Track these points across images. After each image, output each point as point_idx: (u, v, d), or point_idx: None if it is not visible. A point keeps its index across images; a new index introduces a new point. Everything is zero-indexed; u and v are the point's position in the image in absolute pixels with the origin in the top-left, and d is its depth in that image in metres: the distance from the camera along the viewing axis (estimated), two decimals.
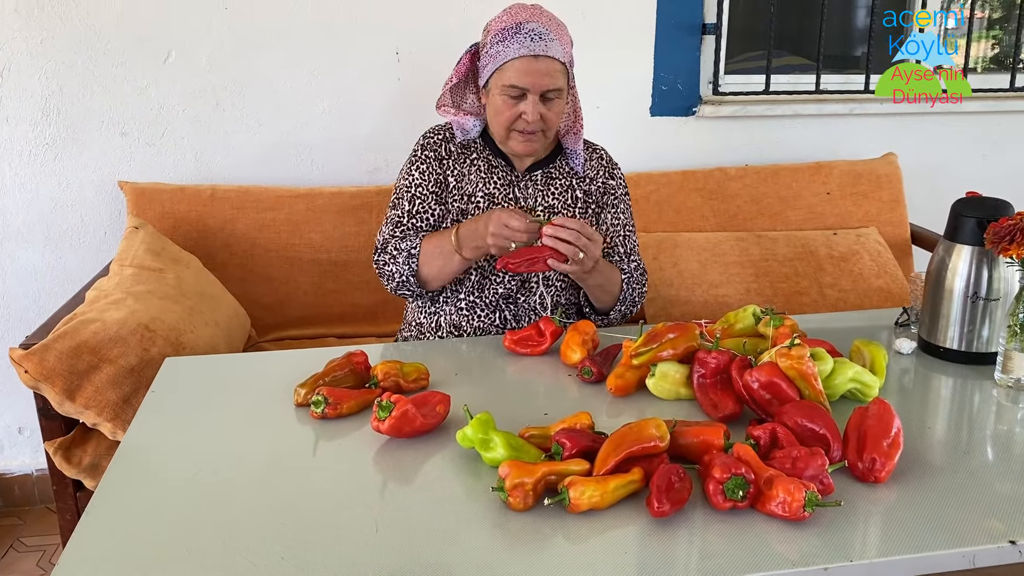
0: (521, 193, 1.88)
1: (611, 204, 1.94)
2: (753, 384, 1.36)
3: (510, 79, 1.74)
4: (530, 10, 1.77)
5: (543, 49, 1.72)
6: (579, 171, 1.91)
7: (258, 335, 2.53)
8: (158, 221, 2.46)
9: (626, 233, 1.95)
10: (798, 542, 1.07)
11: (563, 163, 1.93)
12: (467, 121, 1.88)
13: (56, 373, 1.84)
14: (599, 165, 1.96)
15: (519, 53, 1.72)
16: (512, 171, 1.89)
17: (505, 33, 1.73)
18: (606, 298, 1.87)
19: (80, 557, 1.06)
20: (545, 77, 1.73)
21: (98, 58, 2.51)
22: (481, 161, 1.89)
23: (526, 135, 1.79)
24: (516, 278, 1.85)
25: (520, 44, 1.71)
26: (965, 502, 1.16)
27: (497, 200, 1.87)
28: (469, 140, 1.91)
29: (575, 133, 1.90)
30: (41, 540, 2.60)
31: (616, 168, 1.99)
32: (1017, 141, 3.14)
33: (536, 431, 1.29)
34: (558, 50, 1.75)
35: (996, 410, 1.49)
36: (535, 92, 1.74)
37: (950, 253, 1.62)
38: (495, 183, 1.88)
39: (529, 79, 1.73)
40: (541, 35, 1.73)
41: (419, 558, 1.05)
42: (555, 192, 1.90)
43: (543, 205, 1.89)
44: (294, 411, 1.45)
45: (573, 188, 1.91)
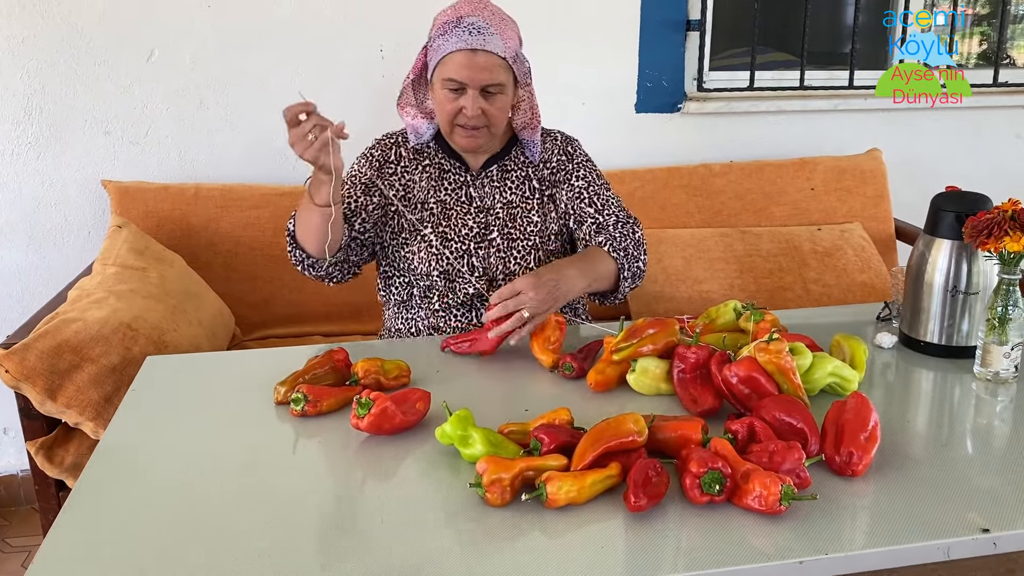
0: (477, 192, 1.86)
1: (563, 180, 1.90)
2: (732, 379, 1.36)
3: (448, 72, 1.72)
4: (474, 4, 1.74)
5: (481, 43, 1.69)
6: (535, 159, 1.89)
7: (243, 334, 2.52)
8: (142, 220, 2.46)
9: (591, 193, 1.89)
10: (774, 536, 1.07)
11: (519, 153, 1.90)
12: (421, 124, 1.87)
13: (37, 372, 1.83)
14: (553, 146, 1.92)
15: (456, 47, 1.70)
16: (467, 171, 1.88)
17: (446, 27, 1.72)
18: (604, 284, 1.82)
19: (56, 556, 1.06)
20: (483, 72, 1.71)
21: (81, 56, 2.50)
22: (432, 167, 1.87)
23: (468, 130, 1.77)
24: (483, 277, 1.82)
25: (458, 38, 1.69)
26: (942, 495, 1.16)
27: (449, 205, 1.85)
28: (422, 145, 1.89)
29: (532, 128, 1.88)
30: (26, 540, 2.59)
31: (572, 143, 1.95)
32: (1000, 136, 3.15)
33: (515, 427, 1.29)
34: (498, 45, 1.71)
35: (975, 403, 1.49)
36: (474, 86, 1.72)
37: (930, 247, 1.62)
38: (446, 188, 1.86)
39: (467, 73, 1.71)
40: (480, 29, 1.70)
41: (398, 554, 1.05)
42: (511, 186, 1.88)
43: (502, 202, 1.86)
44: (274, 409, 1.44)
45: (529, 179, 1.89)
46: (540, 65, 2.76)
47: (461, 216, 1.85)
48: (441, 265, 1.81)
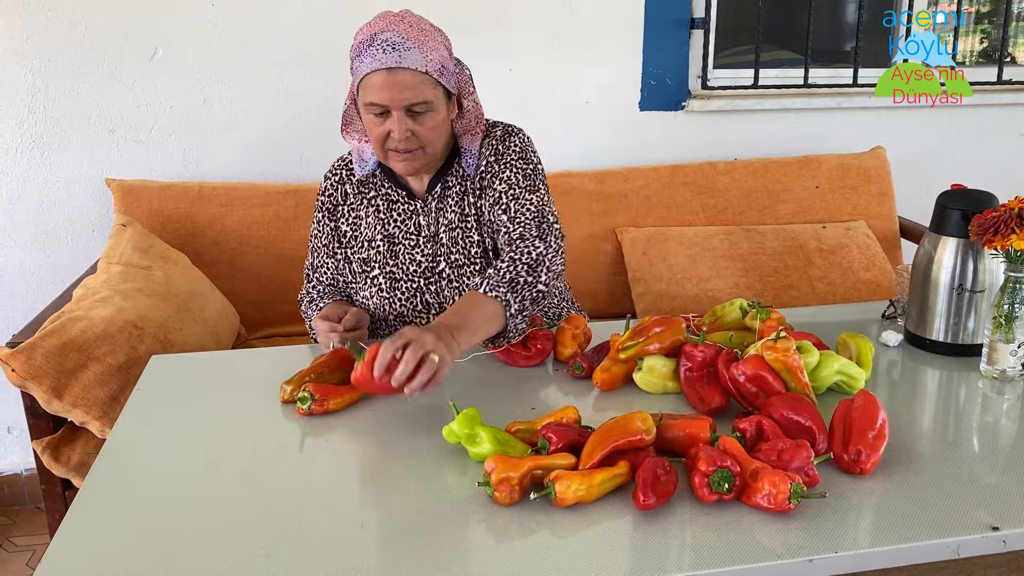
0: (425, 220, 1.74)
1: (488, 185, 1.72)
2: (739, 377, 1.36)
3: (369, 96, 1.58)
4: (390, 18, 1.59)
5: (397, 60, 1.55)
6: (471, 172, 1.73)
7: (247, 332, 2.52)
8: (146, 219, 2.46)
9: (509, 198, 1.68)
10: (784, 534, 1.07)
11: (459, 167, 1.75)
12: (366, 149, 1.75)
13: (43, 372, 1.83)
14: (488, 148, 1.74)
15: (372, 67, 1.56)
16: (413, 199, 1.76)
17: (361, 47, 1.58)
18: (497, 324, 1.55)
19: (64, 555, 1.06)
20: (404, 91, 1.56)
21: (84, 55, 2.50)
22: (380, 199, 1.77)
23: (402, 154, 1.63)
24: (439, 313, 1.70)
25: (373, 57, 1.55)
26: (950, 493, 1.16)
27: (397, 240, 1.74)
28: (368, 175, 1.78)
29: (472, 134, 1.73)
30: (31, 540, 2.59)
31: (507, 140, 1.74)
32: (1004, 134, 3.15)
33: (522, 425, 1.29)
34: (417, 60, 1.56)
35: (981, 401, 1.49)
36: (396, 107, 1.58)
37: (935, 245, 1.62)
38: (394, 220, 1.75)
39: (386, 94, 1.57)
40: (395, 45, 1.55)
41: (405, 554, 1.05)
42: (451, 205, 1.73)
43: (444, 225, 1.73)
44: (280, 408, 1.44)
45: (467, 194, 1.74)
46: (544, 64, 2.77)
47: (409, 250, 1.74)
48: (395, 308, 1.75)
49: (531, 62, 2.76)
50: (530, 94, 2.79)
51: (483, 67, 2.72)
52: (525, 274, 1.59)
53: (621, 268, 2.69)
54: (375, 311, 1.76)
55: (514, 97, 2.76)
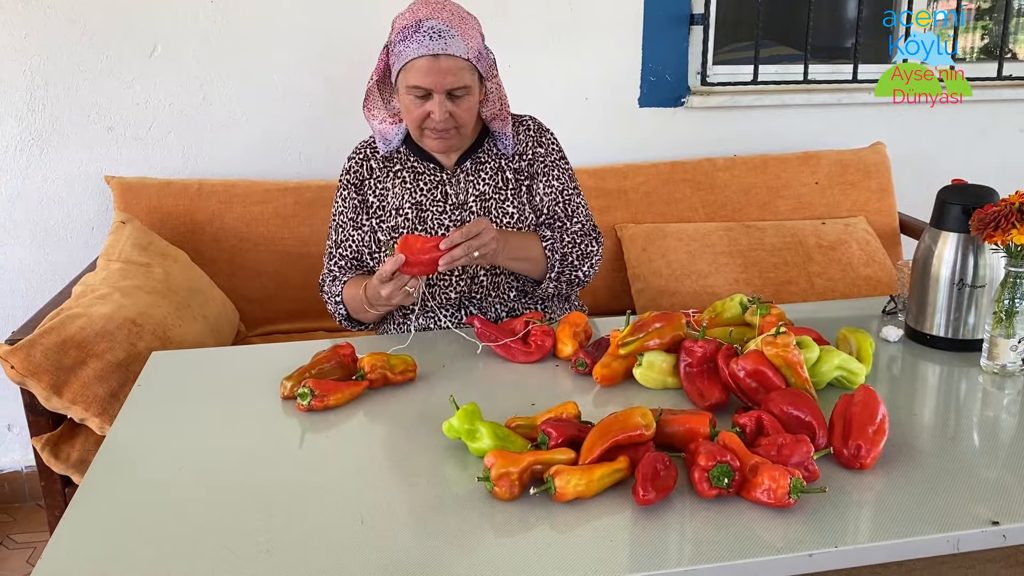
0: (452, 189, 1.84)
1: (542, 172, 1.88)
2: (739, 372, 1.36)
3: (413, 79, 1.69)
4: (432, 5, 1.70)
5: (443, 48, 1.66)
6: (508, 151, 1.86)
7: (247, 330, 2.52)
8: (145, 216, 2.45)
9: (564, 198, 1.89)
10: (783, 529, 1.07)
11: (491, 145, 1.88)
12: (389, 130, 1.86)
13: (42, 369, 1.83)
14: (527, 137, 1.90)
15: (419, 53, 1.66)
16: (441, 170, 1.86)
17: (406, 31, 1.68)
18: (531, 269, 1.83)
19: (65, 551, 1.06)
20: (448, 76, 1.68)
21: (83, 52, 2.49)
22: (406, 171, 1.86)
23: (438, 133, 1.75)
24: (464, 276, 1.82)
25: (419, 43, 1.66)
26: (950, 488, 1.16)
27: (425, 207, 1.83)
28: (392, 151, 1.88)
29: (502, 119, 1.85)
30: (31, 537, 2.59)
31: (545, 134, 1.93)
32: (1004, 129, 3.15)
33: (522, 421, 1.29)
34: (460, 47, 1.68)
35: (982, 396, 1.49)
36: (439, 91, 1.69)
37: (936, 240, 1.62)
38: (421, 189, 1.84)
39: (431, 79, 1.68)
40: (441, 33, 1.66)
41: (405, 549, 1.05)
42: (485, 178, 1.85)
43: (474, 195, 1.84)
44: (281, 404, 1.44)
45: (502, 170, 1.86)
46: (543, 59, 2.77)
47: (437, 216, 1.83)
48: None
49: (530, 58, 2.76)
50: (529, 90, 2.78)
51: None
52: (576, 257, 1.85)
53: (620, 264, 2.68)
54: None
55: (513, 92, 2.72)
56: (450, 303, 1.84)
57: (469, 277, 1.82)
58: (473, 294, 1.84)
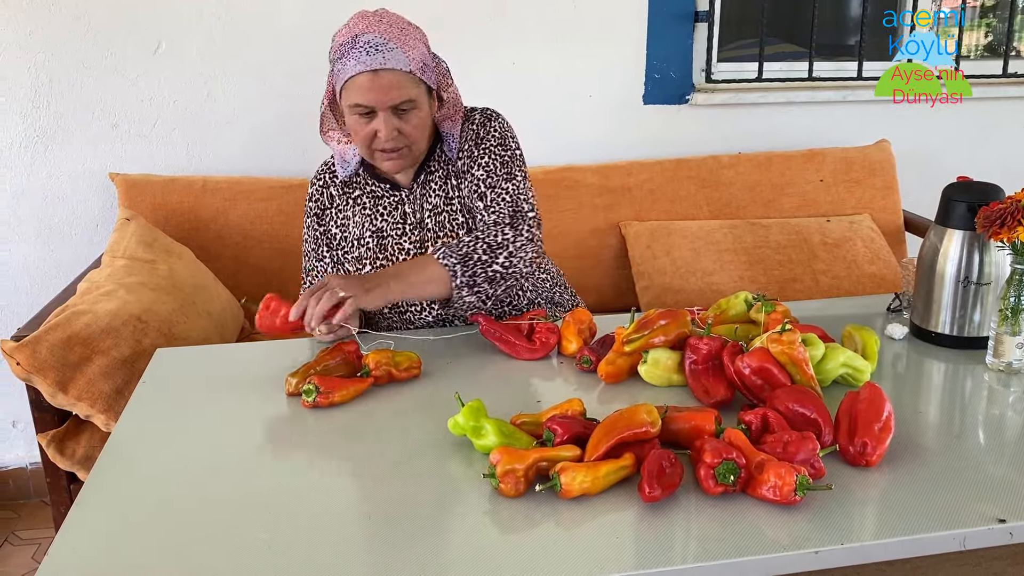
0: (410, 208, 1.76)
1: (467, 169, 1.74)
2: (744, 370, 1.36)
3: (354, 98, 1.61)
4: (369, 19, 1.62)
5: (381, 62, 1.58)
6: (452, 155, 1.75)
7: (252, 326, 2.52)
8: (150, 213, 2.46)
9: (486, 186, 1.73)
10: (789, 526, 1.07)
11: (440, 151, 1.77)
12: (347, 150, 1.78)
13: (48, 365, 1.83)
14: (468, 131, 1.76)
15: (357, 69, 1.58)
16: (399, 190, 1.77)
17: (343, 48, 1.60)
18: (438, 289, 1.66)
19: (70, 548, 1.06)
20: (390, 91, 1.60)
21: (88, 49, 2.50)
22: (365, 197, 1.79)
23: (388, 153, 1.66)
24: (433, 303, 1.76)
25: (357, 60, 1.58)
26: (956, 485, 1.16)
27: (386, 233, 1.76)
28: (351, 175, 1.80)
29: (452, 119, 1.75)
30: (36, 533, 2.60)
31: (487, 124, 1.77)
32: (1009, 127, 3.14)
33: (528, 418, 1.29)
34: (400, 59, 1.59)
35: (987, 394, 1.49)
36: (383, 108, 1.61)
37: (941, 238, 1.62)
38: (381, 215, 1.77)
39: (372, 96, 1.60)
40: (378, 47, 1.58)
41: (411, 546, 1.05)
42: (435, 189, 1.75)
43: (429, 210, 1.75)
44: (286, 400, 1.44)
45: (450, 177, 1.76)
46: (547, 57, 2.77)
47: (397, 240, 1.76)
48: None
49: (535, 55, 2.76)
50: (534, 87, 2.79)
51: (487, 60, 2.73)
52: (481, 252, 1.66)
53: (625, 262, 2.68)
54: None
55: (518, 90, 2.75)
56: (429, 325, 1.80)
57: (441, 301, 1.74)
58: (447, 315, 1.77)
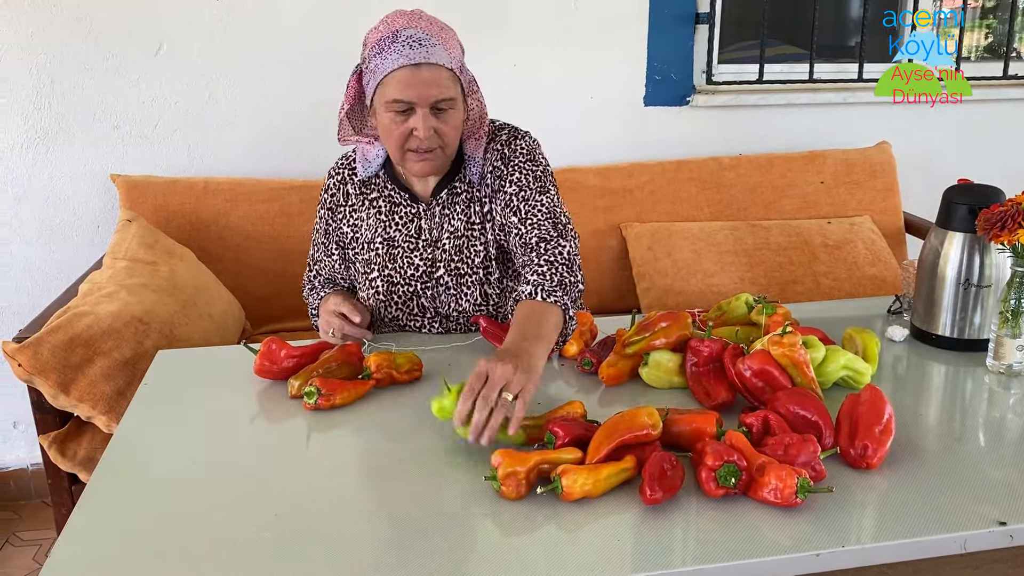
0: (427, 224, 1.71)
1: (498, 189, 1.68)
2: (745, 372, 1.36)
3: (392, 93, 1.54)
4: (408, 16, 1.57)
5: (424, 56, 1.52)
6: (475, 179, 1.70)
7: (253, 328, 2.53)
8: (151, 214, 2.46)
9: (518, 201, 1.65)
10: (790, 528, 1.07)
11: (465, 174, 1.72)
12: (371, 150, 1.72)
13: (49, 367, 1.83)
14: (493, 153, 1.70)
15: (398, 64, 1.52)
16: (416, 203, 1.72)
17: (382, 44, 1.54)
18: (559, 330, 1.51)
19: (73, 549, 1.06)
20: (431, 87, 1.54)
21: (89, 51, 2.50)
22: (382, 201, 1.74)
23: (421, 154, 1.60)
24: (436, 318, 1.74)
25: (398, 54, 1.52)
26: (957, 488, 1.16)
27: (397, 243, 1.71)
28: (371, 176, 1.75)
29: (476, 139, 1.69)
30: (37, 534, 2.60)
31: (513, 143, 1.70)
32: (1010, 129, 3.14)
33: (529, 420, 1.29)
34: (443, 56, 1.55)
35: (988, 396, 1.49)
36: (423, 105, 1.54)
37: (942, 240, 1.62)
38: (396, 224, 1.72)
39: (413, 91, 1.53)
40: (421, 41, 1.53)
41: (412, 547, 1.05)
42: (458, 212, 1.70)
43: (448, 231, 1.70)
44: (287, 402, 1.45)
45: (473, 202, 1.71)
46: (548, 59, 2.77)
47: (407, 254, 1.71)
48: (390, 311, 1.74)
49: (536, 57, 2.76)
50: (535, 89, 2.79)
51: (488, 62, 2.72)
52: (566, 273, 1.57)
53: (626, 263, 2.69)
54: (373, 312, 1.76)
55: (519, 92, 2.75)
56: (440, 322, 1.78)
57: (443, 317, 1.74)
58: (450, 333, 1.76)
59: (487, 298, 1.72)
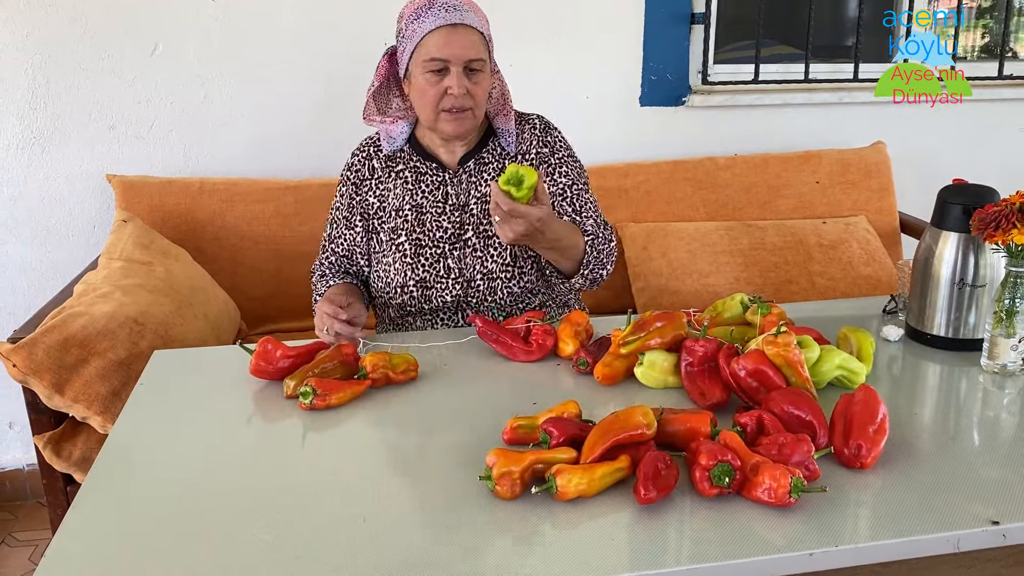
0: (453, 190, 1.83)
1: (547, 173, 1.85)
2: (740, 372, 1.36)
3: (430, 52, 1.69)
4: None
5: (459, 18, 1.68)
6: (511, 150, 1.84)
7: (248, 328, 2.52)
8: (147, 214, 2.46)
9: (573, 193, 1.84)
10: (784, 528, 1.07)
11: (495, 145, 1.86)
12: (394, 128, 1.86)
13: (44, 367, 1.83)
14: (531, 135, 1.87)
15: (435, 24, 1.68)
16: (443, 171, 1.84)
17: (419, 11, 1.70)
18: (566, 262, 1.75)
19: (68, 549, 1.06)
20: (466, 47, 1.69)
21: (85, 51, 2.50)
22: (408, 171, 1.85)
23: (454, 114, 1.73)
24: (459, 279, 1.80)
25: (435, 16, 1.68)
26: (951, 487, 1.16)
27: (424, 209, 1.82)
28: (396, 151, 1.87)
29: (505, 114, 1.85)
30: (33, 535, 2.60)
31: (551, 133, 1.90)
32: (1005, 128, 3.15)
33: (524, 420, 1.29)
34: (474, 20, 1.71)
35: (982, 396, 1.50)
36: (457, 64, 1.69)
37: (937, 240, 1.62)
38: (423, 191, 1.83)
39: (449, 50, 1.68)
40: (455, 6, 1.69)
41: (407, 548, 1.05)
42: (487, 179, 1.83)
43: (476, 197, 1.82)
44: (283, 402, 1.45)
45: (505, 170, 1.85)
46: (544, 58, 2.77)
47: (436, 218, 1.81)
48: (417, 274, 1.80)
49: (532, 57, 2.76)
50: (530, 89, 2.77)
51: None
52: (604, 254, 1.81)
53: (621, 263, 2.68)
54: (395, 278, 1.80)
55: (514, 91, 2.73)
56: (446, 307, 1.83)
57: (465, 281, 1.81)
58: (469, 298, 1.81)
59: (515, 259, 1.80)
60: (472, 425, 1.35)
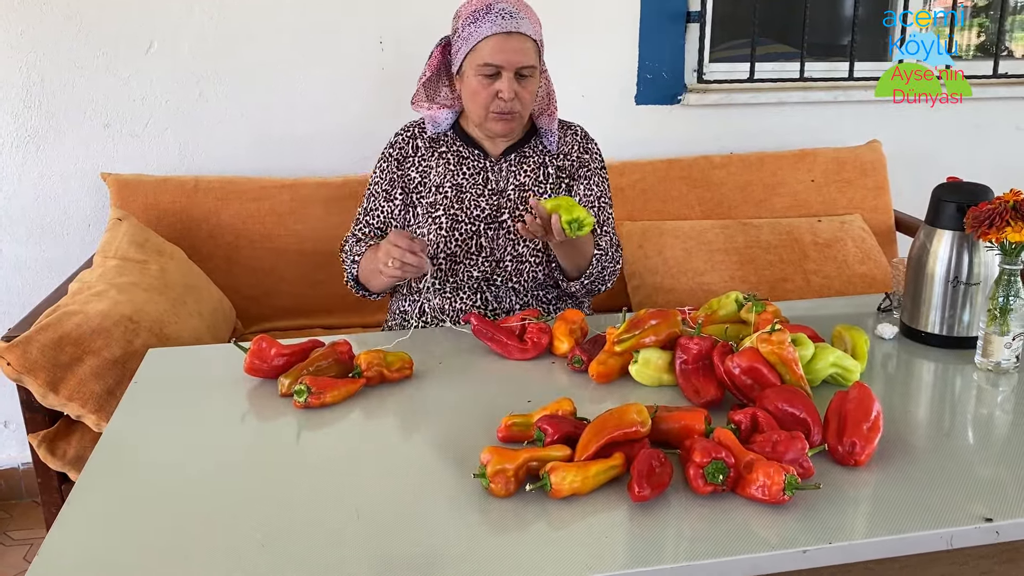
0: (493, 176, 1.90)
1: (584, 177, 1.95)
2: (734, 369, 1.36)
3: (484, 58, 1.76)
4: None
5: (515, 26, 1.75)
6: (552, 149, 1.93)
7: (244, 327, 2.52)
8: (142, 213, 2.45)
9: (600, 205, 1.95)
10: (778, 525, 1.08)
11: (537, 143, 1.95)
12: (440, 114, 1.93)
13: (39, 365, 1.83)
14: (573, 140, 1.97)
15: (491, 31, 1.75)
16: (485, 157, 1.91)
17: (476, 15, 1.77)
18: (570, 267, 1.85)
19: (61, 548, 1.06)
20: (518, 54, 1.77)
21: (80, 49, 2.49)
22: (451, 153, 1.92)
23: (503, 115, 1.81)
24: (490, 258, 1.87)
25: (492, 23, 1.75)
26: (945, 484, 1.17)
27: (465, 190, 1.89)
28: (440, 133, 1.94)
29: (549, 115, 1.93)
30: (28, 534, 2.59)
31: (591, 143, 2.00)
32: (1000, 127, 3.15)
33: (519, 418, 1.30)
34: (529, 28, 1.78)
35: (976, 393, 1.50)
36: (509, 69, 1.77)
37: (931, 238, 1.63)
38: (464, 173, 1.90)
39: (502, 56, 1.76)
40: (512, 13, 1.76)
41: (401, 545, 1.05)
42: (527, 171, 1.91)
43: (515, 184, 1.90)
44: (278, 401, 1.44)
45: (546, 165, 1.93)
46: None
47: (474, 198, 1.88)
48: (449, 247, 1.86)
49: None
50: None
51: None
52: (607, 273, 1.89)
53: None
54: (428, 248, 1.84)
55: None
56: (472, 282, 1.88)
57: (495, 260, 1.87)
58: (495, 276, 1.87)
59: (546, 246, 1.87)
60: (466, 423, 1.35)
